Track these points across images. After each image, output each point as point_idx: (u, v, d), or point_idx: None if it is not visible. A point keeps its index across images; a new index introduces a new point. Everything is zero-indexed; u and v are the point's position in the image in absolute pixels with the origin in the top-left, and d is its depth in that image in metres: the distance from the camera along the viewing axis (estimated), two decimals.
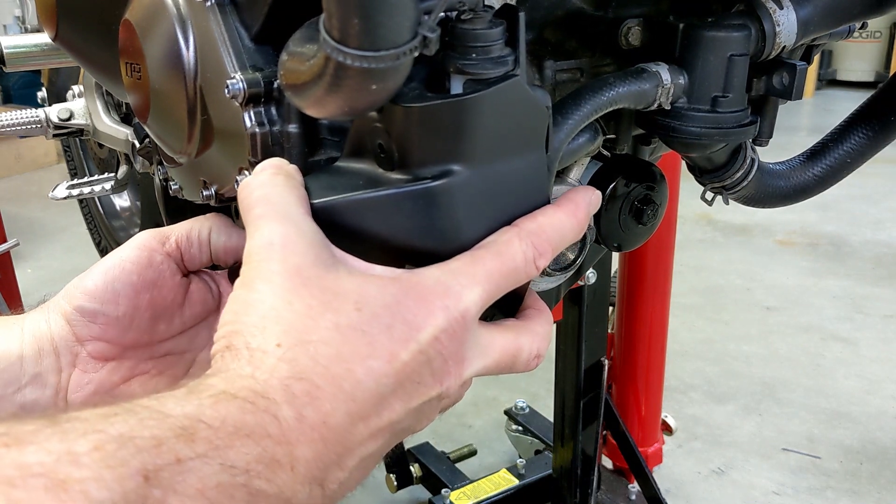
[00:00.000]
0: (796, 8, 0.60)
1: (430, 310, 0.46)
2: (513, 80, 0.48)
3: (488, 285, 0.48)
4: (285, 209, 0.47)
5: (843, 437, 2.19)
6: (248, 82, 0.55)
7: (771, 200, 0.76)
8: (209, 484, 0.38)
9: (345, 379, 0.43)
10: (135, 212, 1.71)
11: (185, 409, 0.40)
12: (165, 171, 0.75)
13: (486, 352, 0.50)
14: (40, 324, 0.56)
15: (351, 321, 0.44)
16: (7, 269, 1.45)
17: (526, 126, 0.50)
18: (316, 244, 0.47)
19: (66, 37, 0.79)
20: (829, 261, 3.35)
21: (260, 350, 0.44)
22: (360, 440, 0.44)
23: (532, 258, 0.50)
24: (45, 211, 3.81)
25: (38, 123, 1.12)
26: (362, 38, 0.40)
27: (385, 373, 0.44)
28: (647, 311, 1.79)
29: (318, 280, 0.45)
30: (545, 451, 1.91)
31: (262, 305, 0.45)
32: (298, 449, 0.42)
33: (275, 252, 0.46)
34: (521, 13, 0.49)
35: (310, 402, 0.42)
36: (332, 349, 0.43)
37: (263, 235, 0.47)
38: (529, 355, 0.52)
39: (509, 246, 0.50)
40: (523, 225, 0.51)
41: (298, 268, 0.45)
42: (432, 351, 0.46)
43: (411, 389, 0.46)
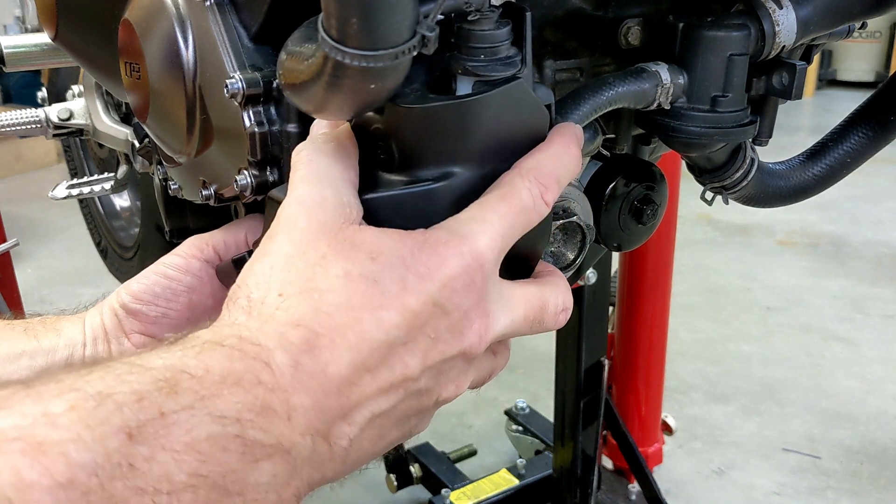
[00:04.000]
0: (796, 8, 0.60)
1: (443, 259, 0.45)
2: (516, 82, 0.48)
3: (500, 228, 0.47)
4: (325, 172, 0.48)
5: (843, 437, 2.19)
6: (248, 82, 0.55)
7: (771, 200, 0.76)
8: (199, 436, 0.36)
9: (350, 328, 0.42)
10: (135, 212, 1.71)
11: (167, 360, 0.39)
12: (165, 171, 0.75)
13: (511, 305, 0.48)
14: (96, 317, 0.63)
15: (364, 270, 0.44)
16: (7, 269, 1.46)
17: (528, 128, 0.50)
18: (347, 204, 0.47)
19: (65, 37, 0.79)
20: (829, 261, 3.35)
21: (259, 300, 0.43)
22: (368, 394, 0.43)
23: (539, 193, 0.49)
24: (45, 211, 3.81)
25: (38, 123, 1.12)
26: (361, 38, 0.40)
27: (396, 324, 0.43)
28: (647, 311, 1.79)
29: (337, 232, 0.45)
30: (545, 451, 1.91)
31: (274, 256, 0.45)
32: (295, 397, 0.40)
33: (303, 209, 0.46)
34: (528, 12, 0.49)
35: (307, 349, 0.41)
36: (340, 297, 0.43)
37: (296, 195, 0.47)
38: (556, 308, 0.51)
39: (513, 186, 0.49)
40: (522, 164, 0.50)
41: (322, 223, 0.45)
42: (448, 303, 0.45)
43: (427, 345, 0.44)
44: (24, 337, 0.60)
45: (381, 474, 1.88)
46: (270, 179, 0.58)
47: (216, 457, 0.37)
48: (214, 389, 0.38)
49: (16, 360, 0.59)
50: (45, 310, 0.83)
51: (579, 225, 0.62)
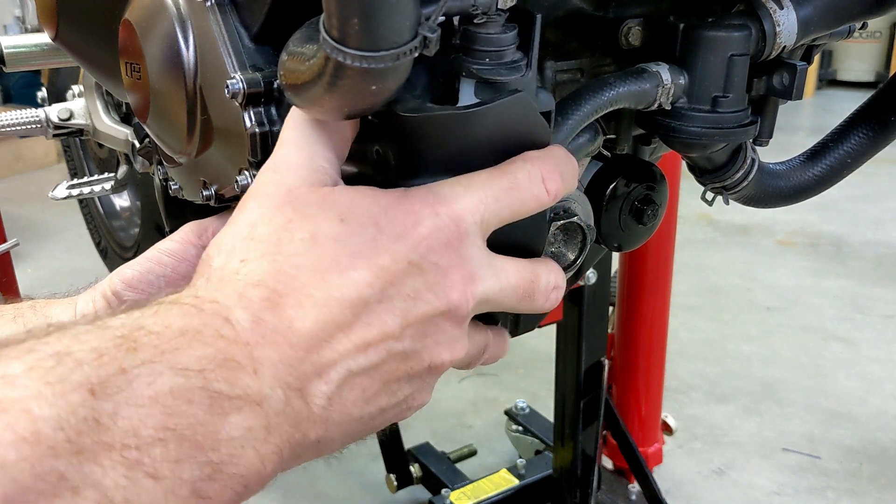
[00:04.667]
0: (796, 8, 0.60)
1: (418, 217, 0.44)
2: (518, 95, 0.48)
3: (484, 196, 0.46)
4: (305, 136, 0.48)
5: (843, 437, 2.19)
6: (248, 82, 0.55)
7: (771, 200, 0.76)
8: (162, 390, 0.36)
9: (316, 287, 0.42)
10: (135, 212, 1.71)
11: (125, 320, 0.38)
12: (165, 171, 0.75)
13: (500, 272, 0.48)
14: (88, 303, 0.61)
15: (332, 232, 0.43)
16: (7, 269, 1.46)
17: (528, 141, 0.50)
18: (319, 168, 0.46)
19: (66, 37, 0.79)
20: (829, 261, 3.35)
21: (220, 267, 0.43)
22: (343, 351, 0.42)
23: (539, 178, 0.48)
24: (45, 211, 3.81)
25: (38, 123, 1.12)
26: (362, 38, 0.40)
27: (368, 282, 0.42)
28: (647, 311, 1.79)
29: (306, 195, 0.45)
30: (545, 451, 1.91)
31: (240, 224, 0.45)
32: (259, 350, 0.40)
33: (276, 175, 0.46)
34: (538, 16, 0.49)
35: (269, 307, 0.41)
36: (306, 259, 0.42)
37: (271, 161, 0.47)
38: (548, 284, 0.51)
39: (511, 164, 0.48)
40: (528, 153, 0.49)
41: (290, 187, 0.45)
42: (423, 260, 0.44)
43: (405, 303, 0.44)
44: (14, 325, 0.59)
45: (381, 474, 1.88)
46: None
47: (182, 409, 0.36)
48: (174, 343, 0.37)
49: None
50: None
51: (580, 225, 0.62)
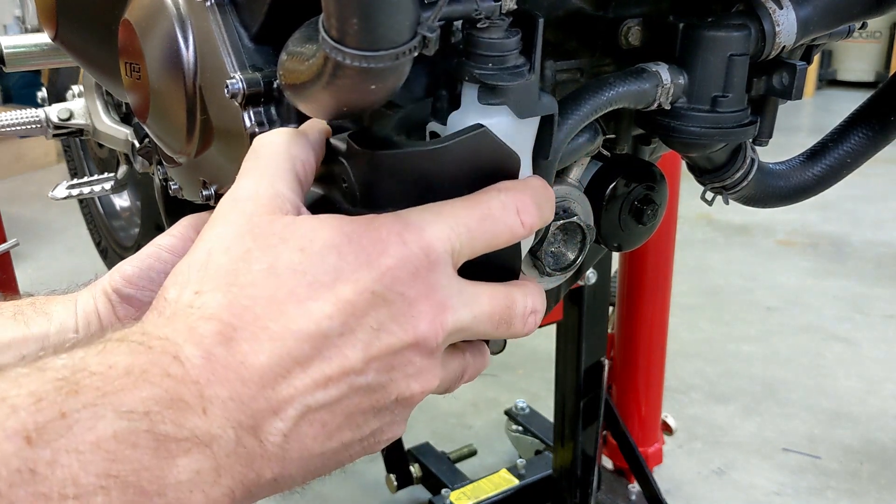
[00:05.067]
0: (796, 8, 0.60)
1: (384, 246, 0.42)
2: (481, 131, 0.47)
3: (457, 225, 0.44)
4: (269, 163, 0.47)
5: (843, 437, 2.19)
6: (248, 82, 0.55)
7: (771, 200, 0.76)
8: (105, 434, 0.34)
9: (271, 320, 0.40)
10: (135, 212, 1.71)
11: (67, 361, 0.36)
12: (165, 171, 0.75)
13: (473, 301, 0.45)
14: (89, 300, 0.59)
15: (291, 262, 0.41)
16: (7, 269, 1.46)
17: (497, 172, 0.49)
18: (282, 196, 0.45)
19: (65, 37, 0.79)
20: (829, 261, 3.35)
21: (174, 300, 0.41)
22: (300, 386, 0.40)
23: (514, 209, 0.46)
24: (45, 211, 3.81)
25: (38, 123, 1.12)
26: (361, 38, 0.40)
27: (328, 314, 0.41)
28: (647, 311, 1.79)
29: (266, 226, 0.43)
30: (545, 451, 1.91)
31: (197, 254, 0.43)
32: (209, 389, 0.38)
33: (236, 203, 0.45)
34: (541, 20, 0.49)
35: (222, 341, 0.39)
36: (262, 291, 0.41)
37: (232, 189, 0.46)
38: (525, 309, 0.48)
39: (486, 194, 0.47)
40: (504, 182, 0.48)
41: (251, 216, 0.44)
42: (388, 291, 0.42)
43: (368, 335, 0.42)
44: (13, 323, 0.58)
45: (381, 474, 1.88)
46: None
47: (126, 454, 0.35)
48: (119, 384, 0.36)
49: (5, 350, 0.56)
50: None
51: (579, 225, 0.62)
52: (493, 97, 0.49)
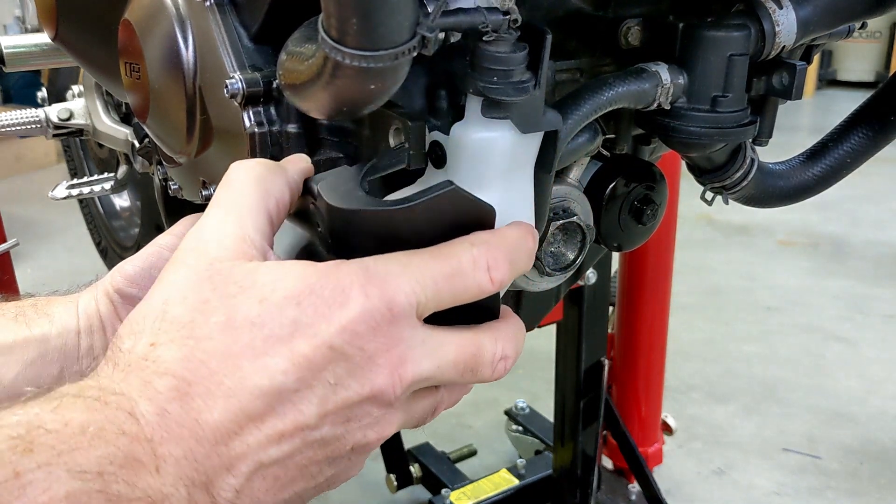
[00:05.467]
0: (796, 8, 0.60)
1: (345, 299, 0.41)
2: (450, 189, 0.46)
3: (423, 279, 0.43)
4: (238, 199, 0.45)
5: (843, 437, 2.19)
6: (248, 82, 0.55)
7: (771, 200, 0.76)
8: (57, 495, 0.34)
9: (226, 375, 0.39)
10: (135, 212, 1.71)
11: (22, 417, 0.36)
12: (165, 171, 0.75)
13: (437, 351, 0.44)
14: (90, 301, 0.59)
15: (248, 315, 0.40)
16: (7, 269, 1.46)
17: (469, 226, 0.48)
18: (247, 239, 0.44)
19: (65, 37, 0.79)
20: (829, 261, 3.35)
21: (128, 351, 0.41)
22: (253, 443, 0.40)
23: (485, 265, 0.45)
24: (45, 211, 3.81)
25: (38, 123, 1.12)
26: (360, 38, 0.40)
27: (283, 370, 0.40)
28: (647, 311, 1.79)
29: (227, 273, 0.42)
30: (545, 451, 1.91)
31: (154, 300, 0.42)
32: (163, 447, 0.38)
33: (199, 244, 0.44)
34: (549, 36, 0.49)
35: (176, 397, 0.39)
36: (218, 345, 0.40)
37: (196, 227, 0.45)
38: (494, 355, 0.47)
39: (457, 246, 0.45)
40: (478, 234, 0.47)
41: (213, 260, 0.42)
42: (347, 346, 0.41)
43: (324, 390, 0.41)
44: (15, 325, 0.57)
45: (381, 474, 1.88)
46: None
47: None
48: (73, 443, 0.35)
49: (7, 352, 0.56)
50: None
51: (579, 225, 0.62)
52: (497, 111, 0.49)
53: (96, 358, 0.59)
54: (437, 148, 0.52)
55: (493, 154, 0.50)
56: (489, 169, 0.51)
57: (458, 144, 0.51)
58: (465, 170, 0.51)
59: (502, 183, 0.51)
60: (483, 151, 0.50)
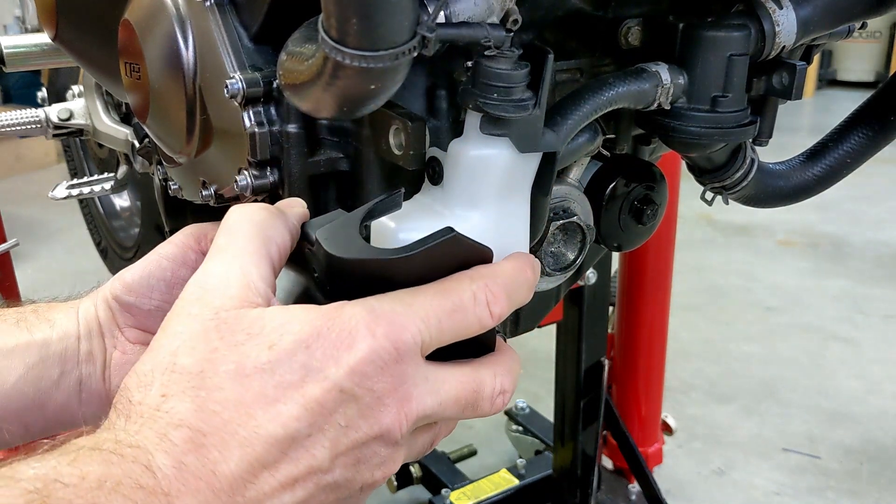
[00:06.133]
0: (796, 8, 0.60)
1: (352, 340, 0.42)
2: (451, 237, 0.46)
3: (427, 317, 0.44)
4: (242, 245, 0.45)
5: (843, 437, 2.19)
6: (248, 82, 0.55)
7: (771, 200, 0.76)
8: None
9: (240, 424, 0.40)
10: (135, 212, 1.71)
11: (39, 470, 0.36)
12: (165, 171, 0.75)
13: (439, 388, 0.45)
14: (90, 307, 0.60)
15: (259, 362, 0.41)
16: (7, 269, 1.46)
17: (468, 265, 0.48)
18: (252, 287, 0.44)
19: (65, 37, 0.79)
20: (829, 261, 3.35)
21: (139, 402, 0.41)
22: (269, 490, 0.40)
23: (484, 301, 0.46)
24: (45, 211, 3.80)
25: (38, 123, 1.12)
26: (361, 38, 0.40)
27: (296, 416, 0.40)
28: (647, 311, 1.79)
29: (234, 320, 0.42)
30: (545, 451, 1.91)
31: (162, 351, 0.42)
32: (180, 500, 0.38)
33: (204, 292, 0.44)
34: (550, 55, 0.49)
35: (192, 449, 0.39)
36: (230, 394, 0.40)
37: (200, 273, 0.45)
38: (493, 391, 0.48)
39: (457, 283, 0.46)
40: (477, 270, 0.47)
41: (218, 309, 0.43)
42: (356, 388, 0.41)
43: (335, 433, 0.41)
44: (17, 329, 0.58)
45: None
46: (270, 180, 0.58)
47: None
48: (91, 497, 0.35)
49: (9, 356, 0.57)
50: None
51: (579, 225, 0.62)
52: (496, 128, 0.49)
53: (95, 363, 0.59)
54: (435, 164, 0.52)
55: (490, 172, 0.50)
56: (486, 187, 0.50)
57: (456, 161, 0.51)
58: (462, 186, 0.51)
59: (498, 202, 0.51)
60: (480, 168, 0.50)
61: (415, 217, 0.51)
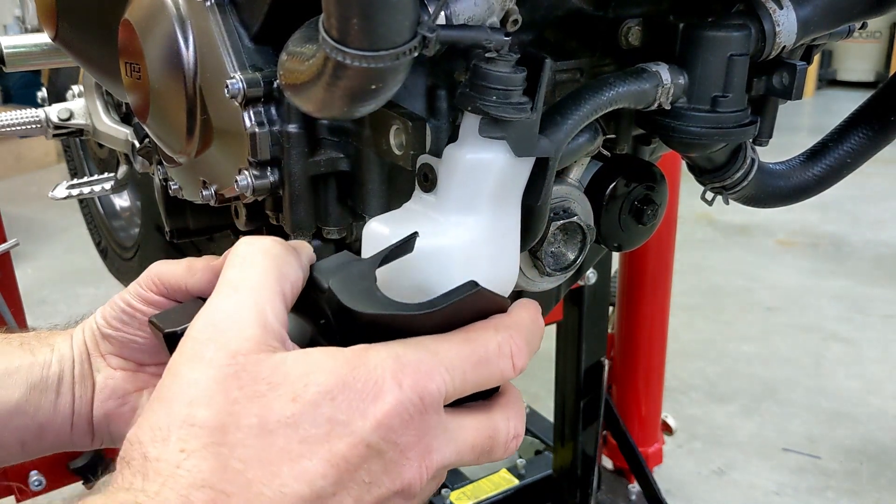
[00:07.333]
0: (796, 8, 0.60)
1: (378, 391, 0.40)
2: (475, 291, 0.45)
3: (452, 368, 0.43)
4: (257, 281, 0.44)
5: (843, 437, 2.19)
6: (248, 82, 0.55)
7: (771, 200, 0.76)
8: None
9: (266, 484, 0.38)
10: (135, 212, 1.71)
11: None
12: (165, 171, 0.75)
13: (457, 437, 0.44)
14: (80, 335, 0.63)
15: (283, 415, 0.39)
16: (7, 269, 1.45)
17: (487, 315, 0.48)
18: (269, 328, 0.42)
19: (65, 37, 0.79)
20: (829, 261, 3.35)
21: (156, 459, 0.38)
22: None
23: (509, 353, 0.45)
24: (45, 211, 3.81)
25: (38, 123, 1.12)
26: (361, 38, 0.40)
27: (322, 473, 0.39)
28: (647, 311, 1.79)
29: (254, 367, 0.40)
30: (545, 451, 1.91)
31: (177, 403, 0.40)
32: None
33: (217, 333, 0.41)
34: (547, 61, 0.49)
35: None
36: (253, 451, 0.38)
37: (210, 310, 0.43)
38: (507, 436, 0.47)
39: (483, 333, 0.45)
40: (500, 320, 0.47)
41: (235, 353, 0.40)
42: (382, 442, 0.40)
43: (359, 490, 0.40)
44: (20, 351, 0.61)
45: None
46: (271, 180, 0.58)
47: None
48: None
49: (13, 374, 0.59)
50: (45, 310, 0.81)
51: (580, 225, 0.62)
52: (494, 130, 0.49)
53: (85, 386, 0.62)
54: (427, 171, 0.52)
55: (485, 176, 0.50)
56: (480, 191, 0.50)
57: (451, 165, 0.50)
58: (457, 192, 0.51)
59: (492, 207, 0.51)
60: (476, 172, 0.50)
61: (408, 223, 0.51)
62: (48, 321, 0.74)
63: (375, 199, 0.58)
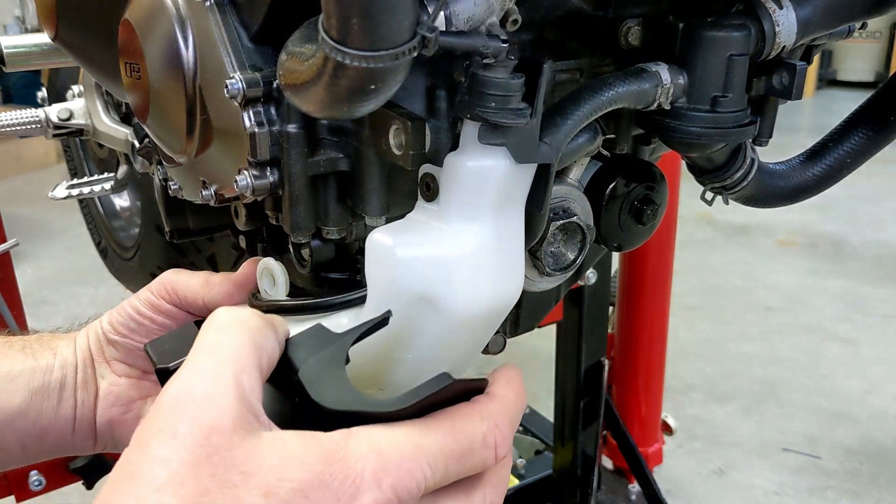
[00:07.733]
0: (796, 8, 0.60)
1: (356, 492, 0.39)
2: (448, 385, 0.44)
3: (436, 462, 0.42)
4: (234, 352, 0.42)
5: (843, 437, 2.19)
6: (248, 82, 0.55)
7: (771, 200, 0.76)
8: None
9: None
10: (135, 212, 1.71)
11: None
12: (165, 171, 0.75)
13: None
14: (83, 339, 0.64)
15: None
16: (7, 269, 1.45)
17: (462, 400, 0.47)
18: (247, 404, 0.40)
19: (65, 37, 0.79)
20: (829, 261, 3.35)
21: None
22: None
23: (493, 444, 0.44)
24: (45, 211, 3.81)
25: (38, 123, 1.12)
26: (361, 38, 0.40)
27: None
28: (647, 311, 1.79)
29: (227, 451, 0.38)
30: (545, 451, 1.91)
31: (145, 484, 0.37)
32: None
33: (192, 403, 0.39)
34: (545, 66, 0.49)
35: None
36: None
37: (183, 380, 0.41)
38: None
39: (468, 423, 0.44)
40: (486, 406, 0.45)
41: (210, 431, 0.38)
42: None
43: None
44: (22, 355, 0.61)
45: None
46: (270, 180, 0.58)
47: None
48: None
49: (15, 379, 0.59)
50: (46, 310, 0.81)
51: (579, 225, 0.62)
52: (494, 137, 0.49)
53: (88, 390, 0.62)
54: (430, 180, 0.52)
55: (487, 183, 0.50)
56: (482, 199, 0.50)
57: (452, 174, 0.50)
58: (459, 199, 0.50)
59: (495, 214, 0.51)
60: (478, 180, 0.50)
61: (411, 233, 0.51)
62: (48, 321, 0.75)
63: (375, 199, 0.58)
